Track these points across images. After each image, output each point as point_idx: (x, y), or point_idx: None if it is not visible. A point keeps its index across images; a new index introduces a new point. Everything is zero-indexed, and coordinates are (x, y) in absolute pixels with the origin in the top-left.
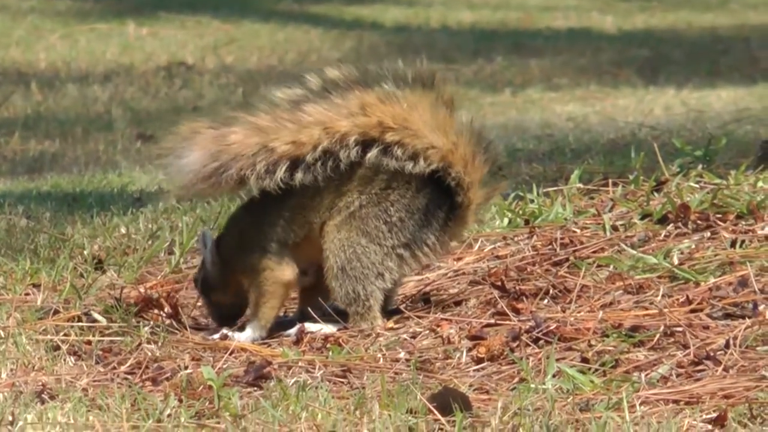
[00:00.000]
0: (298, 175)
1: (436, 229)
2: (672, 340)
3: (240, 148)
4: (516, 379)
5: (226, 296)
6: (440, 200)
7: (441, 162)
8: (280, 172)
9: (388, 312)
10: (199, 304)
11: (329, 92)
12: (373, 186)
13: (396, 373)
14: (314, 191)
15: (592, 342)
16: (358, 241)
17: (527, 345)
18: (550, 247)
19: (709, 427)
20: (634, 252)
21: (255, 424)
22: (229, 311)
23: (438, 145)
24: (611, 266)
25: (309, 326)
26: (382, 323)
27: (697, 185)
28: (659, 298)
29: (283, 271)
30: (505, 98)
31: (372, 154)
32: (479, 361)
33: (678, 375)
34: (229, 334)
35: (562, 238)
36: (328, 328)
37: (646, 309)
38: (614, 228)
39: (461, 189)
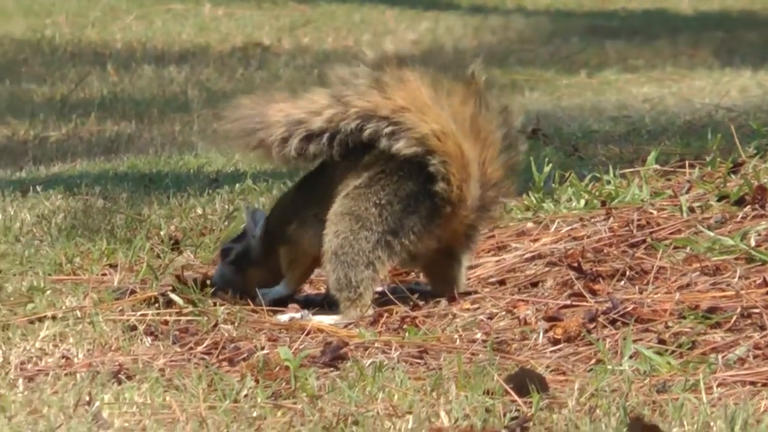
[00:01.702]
0: (311, 147)
1: (423, 218)
2: (749, 321)
3: (269, 116)
4: (593, 361)
5: (260, 271)
6: (430, 191)
7: (420, 146)
8: (294, 141)
9: (464, 293)
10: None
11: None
12: (369, 170)
13: (472, 354)
14: (339, 175)
15: (669, 324)
16: (350, 226)
17: (604, 326)
18: (626, 228)
19: None
20: (711, 233)
21: (331, 405)
22: (255, 285)
23: (419, 129)
24: (688, 248)
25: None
26: (373, 312)
27: None
28: (736, 279)
29: (312, 245)
30: (581, 80)
31: (368, 130)
32: (556, 342)
33: (755, 357)
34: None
35: (638, 220)
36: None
37: (723, 290)
38: (691, 209)
39: (445, 182)
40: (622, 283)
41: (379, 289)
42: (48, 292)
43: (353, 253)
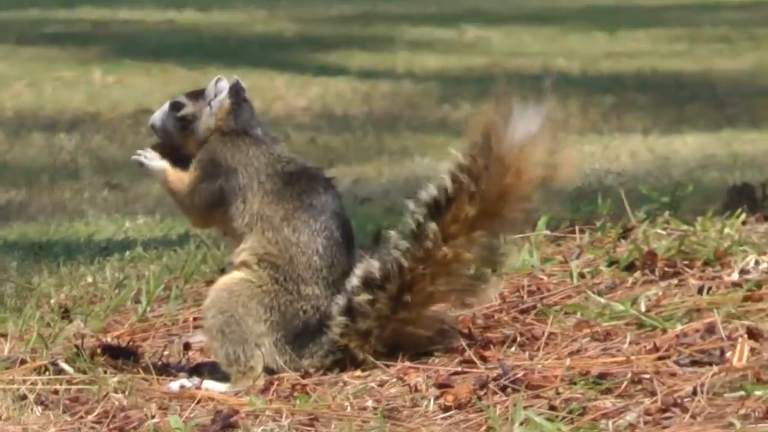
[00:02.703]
0: None
1: None
2: (639, 387)
3: None
4: (483, 427)
5: (192, 144)
6: None
7: None
8: None
9: (357, 362)
10: (166, 352)
11: None
12: None
13: (363, 422)
14: None
15: (560, 389)
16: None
17: (495, 393)
18: (517, 294)
19: None
20: (601, 299)
21: None
22: (184, 149)
23: None
24: (578, 313)
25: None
26: (264, 379)
27: (664, 232)
28: (626, 345)
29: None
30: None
31: None
32: (447, 409)
33: (646, 422)
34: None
35: (529, 285)
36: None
37: (614, 356)
38: (581, 275)
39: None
40: (513, 349)
41: None
42: None
43: (240, 332)
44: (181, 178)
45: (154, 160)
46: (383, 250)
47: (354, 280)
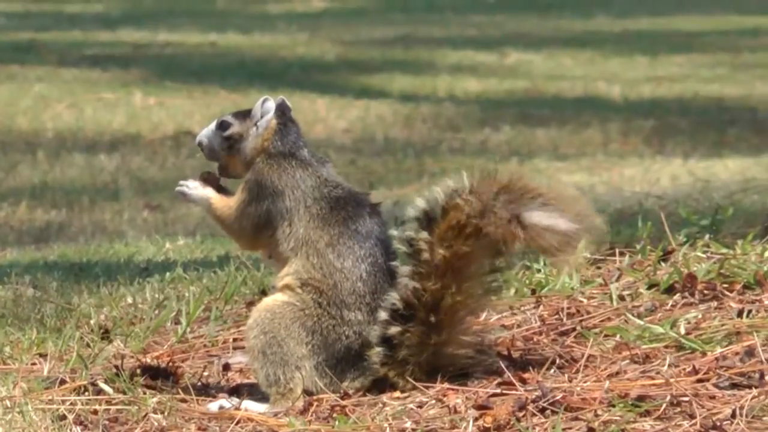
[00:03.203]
0: None
1: None
2: (678, 410)
3: None
4: None
5: (239, 164)
6: None
7: None
8: None
9: (392, 383)
10: (205, 373)
11: None
12: None
13: None
14: None
15: (599, 412)
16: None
17: (533, 415)
18: (556, 316)
19: None
20: (641, 322)
21: None
22: (230, 172)
23: None
24: (618, 336)
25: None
26: (303, 400)
27: (703, 255)
28: (665, 367)
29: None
30: (512, 168)
31: None
32: (485, 430)
33: None
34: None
35: (568, 308)
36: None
37: (653, 378)
38: (621, 298)
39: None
40: (552, 371)
41: None
42: None
43: (281, 353)
44: (227, 203)
45: (197, 189)
46: (397, 282)
47: (382, 315)
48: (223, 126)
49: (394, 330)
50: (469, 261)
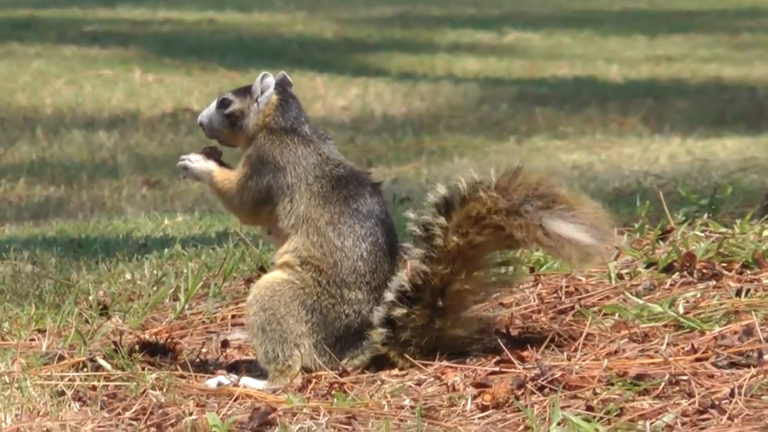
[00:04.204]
0: None
1: None
2: (677, 388)
3: None
4: (521, 427)
5: (239, 138)
6: None
7: None
8: None
9: (391, 362)
10: (204, 350)
11: None
12: None
13: (401, 420)
14: None
15: (597, 390)
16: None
17: (532, 393)
18: (555, 295)
19: None
20: (640, 300)
21: None
22: (232, 145)
23: None
24: (616, 314)
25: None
26: (302, 377)
27: (702, 234)
28: (664, 346)
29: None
30: (510, 146)
31: None
32: (484, 408)
33: (683, 424)
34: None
35: (567, 287)
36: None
37: (651, 357)
38: (619, 276)
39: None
40: (551, 349)
41: None
42: None
43: (280, 330)
44: (228, 176)
45: (199, 162)
46: (406, 264)
47: (388, 296)
48: (223, 104)
49: (399, 312)
50: (482, 251)
